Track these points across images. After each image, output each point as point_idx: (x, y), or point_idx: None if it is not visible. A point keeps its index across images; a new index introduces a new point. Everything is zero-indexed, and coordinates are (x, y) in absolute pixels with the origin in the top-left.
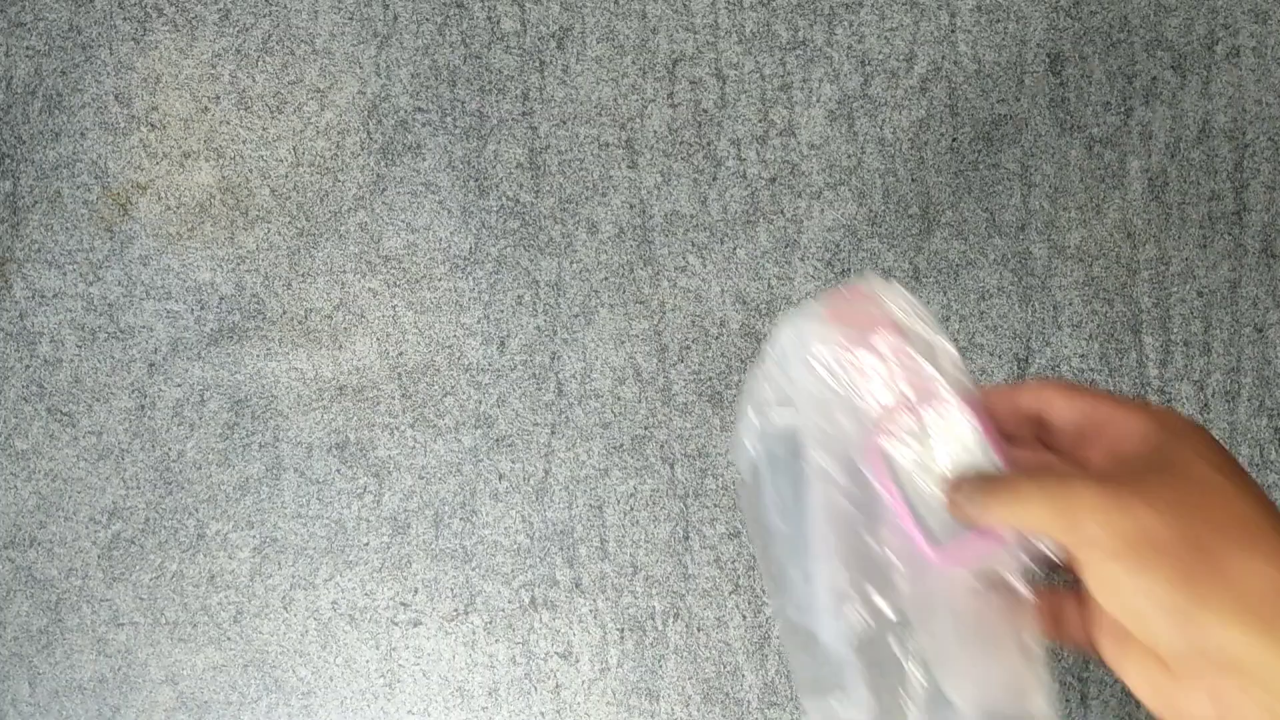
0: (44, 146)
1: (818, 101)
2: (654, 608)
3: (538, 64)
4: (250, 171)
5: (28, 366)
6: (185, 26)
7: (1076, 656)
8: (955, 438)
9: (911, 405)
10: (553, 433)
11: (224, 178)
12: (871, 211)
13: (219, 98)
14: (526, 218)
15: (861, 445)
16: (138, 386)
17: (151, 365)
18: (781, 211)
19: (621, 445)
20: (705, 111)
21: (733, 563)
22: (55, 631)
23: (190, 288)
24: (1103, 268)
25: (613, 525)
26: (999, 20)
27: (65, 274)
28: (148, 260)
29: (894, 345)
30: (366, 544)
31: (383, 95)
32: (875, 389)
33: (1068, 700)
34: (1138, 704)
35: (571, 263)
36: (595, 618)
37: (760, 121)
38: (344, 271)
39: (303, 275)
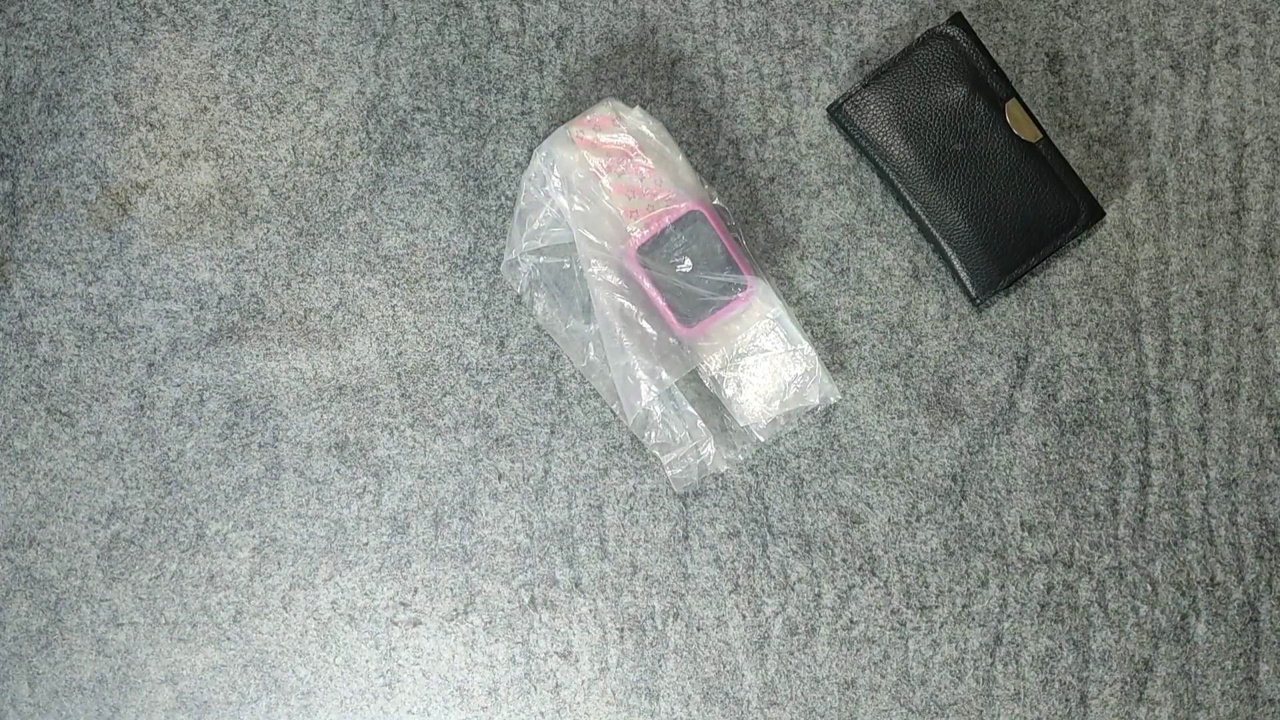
0: (43, 146)
1: (816, 100)
2: (654, 607)
3: (536, 64)
4: (249, 171)
5: (27, 366)
6: (184, 26)
7: (1075, 657)
8: (697, 236)
9: (659, 215)
10: (552, 432)
11: (223, 177)
12: (870, 210)
13: (218, 97)
14: None
15: (623, 252)
16: (137, 386)
17: (151, 365)
18: (780, 211)
19: (621, 445)
20: (704, 111)
21: (732, 563)
22: (55, 631)
23: (189, 288)
24: (1101, 266)
25: (612, 525)
26: (998, 19)
27: (64, 274)
28: (147, 260)
29: (638, 165)
30: (366, 544)
31: (382, 95)
32: (627, 203)
33: (1068, 701)
34: (1139, 701)
35: None
36: (595, 617)
37: (759, 121)
38: (343, 271)
39: (302, 275)
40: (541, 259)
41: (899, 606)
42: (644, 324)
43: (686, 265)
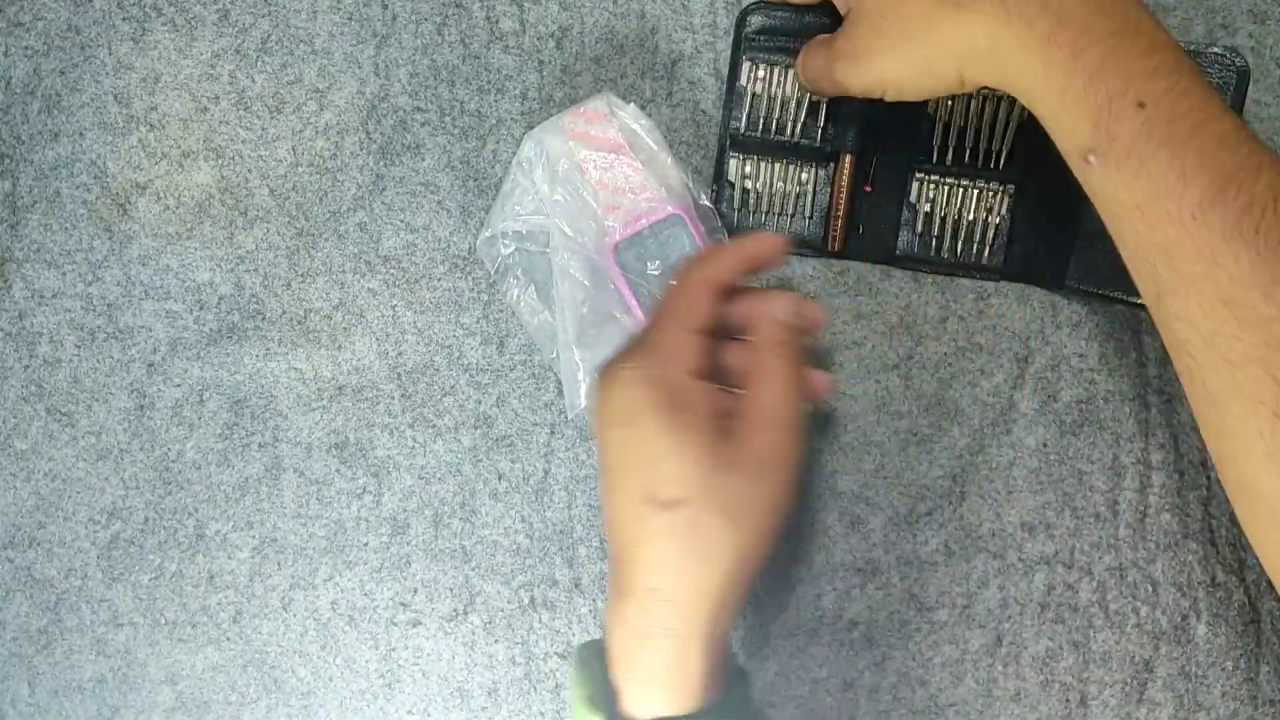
0: (43, 146)
1: None
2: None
3: (536, 64)
4: (249, 171)
5: (27, 367)
6: (184, 26)
7: (1075, 657)
8: (674, 240)
9: (639, 214)
10: (552, 433)
11: (223, 177)
12: None
13: (218, 98)
14: None
15: (599, 247)
16: (137, 386)
17: (151, 365)
18: None
19: None
20: (704, 111)
21: None
22: (55, 631)
23: (189, 288)
24: None
25: None
26: None
27: (64, 274)
28: (147, 260)
29: (626, 163)
30: (366, 544)
31: (381, 95)
32: (610, 199)
33: (1068, 701)
34: (1139, 701)
35: None
36: (595, 618)
37: None
38: (343, 271)
39: (302, 275)
40: (517, 246)
41: (899, 607)
42: (616, 319)
43: (657, 268)
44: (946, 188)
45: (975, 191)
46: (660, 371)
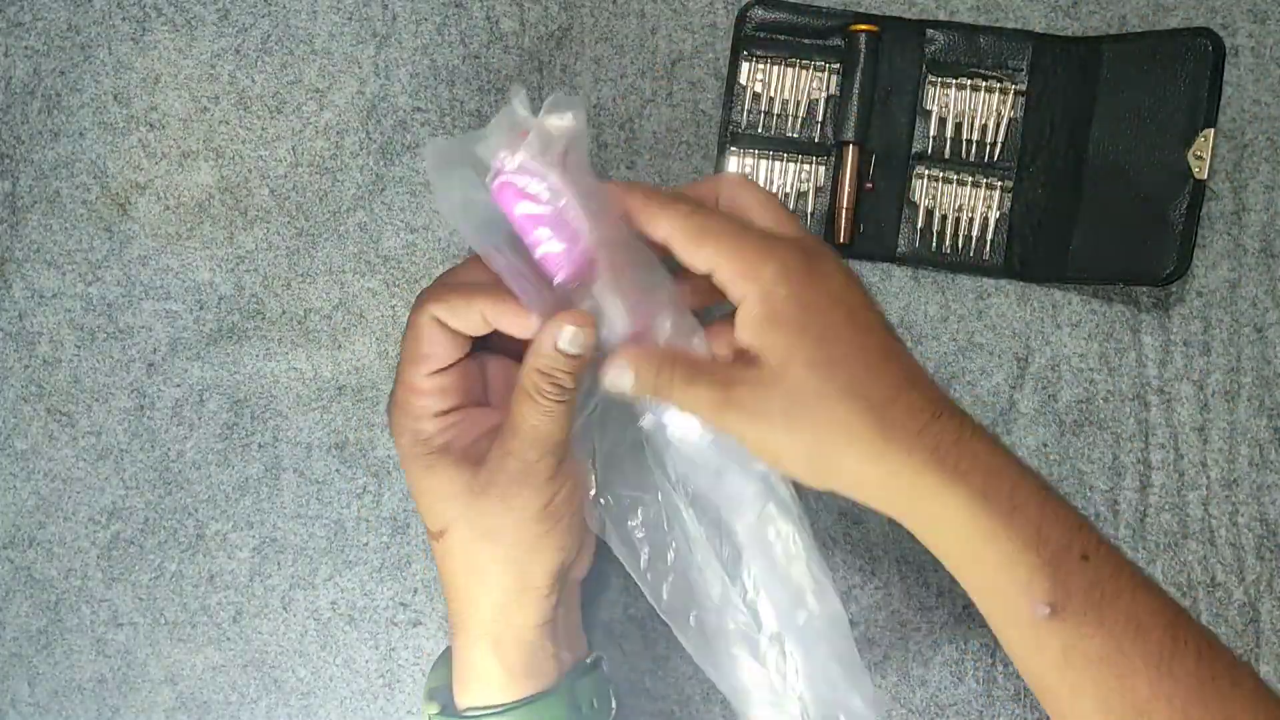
0: (43, 146)
1: None
2: (654, 607)
3: (536, 64)
4: (249, 171)
5: (26, 366)
6: (184, 26)
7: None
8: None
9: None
10: None
11: (223, 177)
12: None
13: (218, 98)
14: None
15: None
16: (137, 386)
17: (150, 365)
18: None
19: None
20: (704, 112)
21: None
22: (55, 631)
23: (189, 288)
24: None
25: None
26: (997, 20)
27: (64, 274)
28: (147, 260)
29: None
30: (366, 544)
31: (381, 95)
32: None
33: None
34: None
35: None
36: (594, 618)
37: None
38: (343, 271)
39: (302, 275)
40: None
41: (899, 607)
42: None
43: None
44: (946, 184)
45: (974, 188)
46: (404, 424)
